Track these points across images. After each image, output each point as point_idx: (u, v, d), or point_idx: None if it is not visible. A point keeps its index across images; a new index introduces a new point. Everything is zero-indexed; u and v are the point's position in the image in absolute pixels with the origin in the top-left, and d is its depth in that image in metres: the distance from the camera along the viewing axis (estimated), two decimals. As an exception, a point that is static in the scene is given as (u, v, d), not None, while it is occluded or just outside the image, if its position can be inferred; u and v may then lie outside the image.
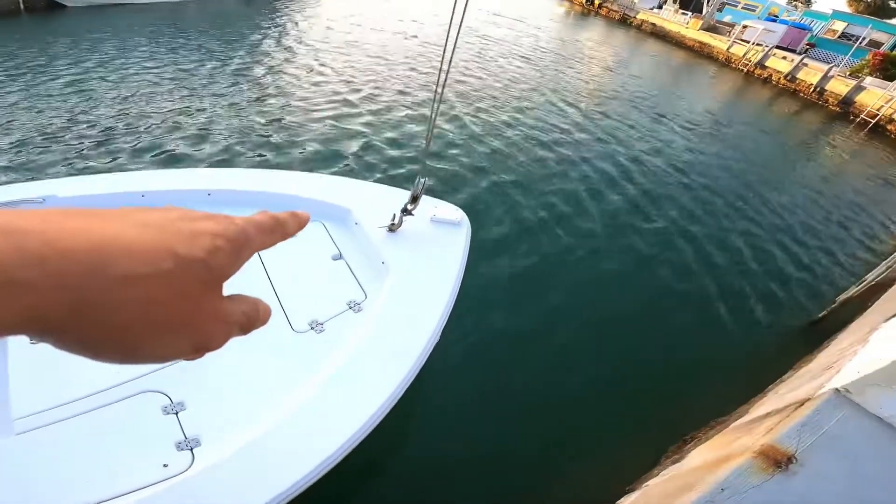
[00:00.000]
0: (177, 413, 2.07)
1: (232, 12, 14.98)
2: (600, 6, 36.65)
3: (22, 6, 11.59)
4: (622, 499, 3.05)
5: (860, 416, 2.53)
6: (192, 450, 1.94)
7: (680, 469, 3.02)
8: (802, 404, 2.68)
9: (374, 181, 3.77)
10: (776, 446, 2.37)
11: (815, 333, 5.26)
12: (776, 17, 31.40)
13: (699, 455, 3.06)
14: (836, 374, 2.91)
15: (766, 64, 23.27)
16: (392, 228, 3.13)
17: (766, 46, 23.79)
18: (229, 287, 0.38)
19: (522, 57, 16.01)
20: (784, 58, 22.99)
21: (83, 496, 1.72)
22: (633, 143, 10.01)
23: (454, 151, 7.68)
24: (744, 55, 24.32)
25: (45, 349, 1.25)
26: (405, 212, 3.08)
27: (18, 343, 1.49)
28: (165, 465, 1.87)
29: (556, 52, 18.14)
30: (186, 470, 1.85)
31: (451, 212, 3.40)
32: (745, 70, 23.83)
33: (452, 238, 3.21)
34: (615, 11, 34.73)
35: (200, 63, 9.65)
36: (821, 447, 2.36)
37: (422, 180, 2.96)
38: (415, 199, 3.04)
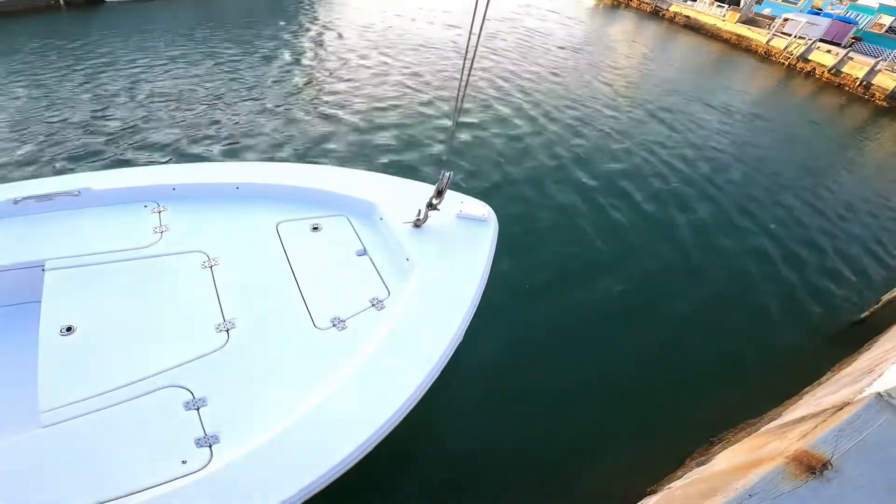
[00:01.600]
0: (198, 409, 2.08)
1: (262, 4, 15.13)
2: (632, -1, 35.66)
3: (62, 1, 12.05)
4: (642, 501, 2.96)
5: (903, 422, 2.37)
6: (210, 447, 1.95)
7: (705, 472, 2.91)
8: (841, 408, 2.54)
9: (401, 175, 3.72)
10: (811, 452, 2.24)
11: (855, 335, 5.03)
12: (819, 10, 30.03)
13: (726, 458, 2.95)
14: (878, 377, 2.74)
15: (809, 57, 22.29)
16: (417, 224, 3.09)
17: (809, 40, 22.79)
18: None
19: (557, 47, 15.70)
20: (828, 51, 21.98)
21: (103, 491, 1.74)
22: (677, 133, 9.82)
23: (484, 143, 7.59)
24: (785, 48, 23.37)
25: (75, 342, 1.75)
26: (430, 206, 3.03)
27: (49, 335, 1.79)
28: (184, 462, 1.89)
29: (589, 43, 17.74)
30: (204, 467, 1.87)
31: (479, 208, 3.33)
32: (787, 63, 22.89)
33: (479, 235, 3.14)
34: (646, 3, 33.77)
35: (236, 56, 9.87)
36: (858, 453, 2.23)
37: (446, 174, 2.90)
38: (439, 194, 2.98)
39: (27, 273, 2.60)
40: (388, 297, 2.76)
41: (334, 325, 2.54)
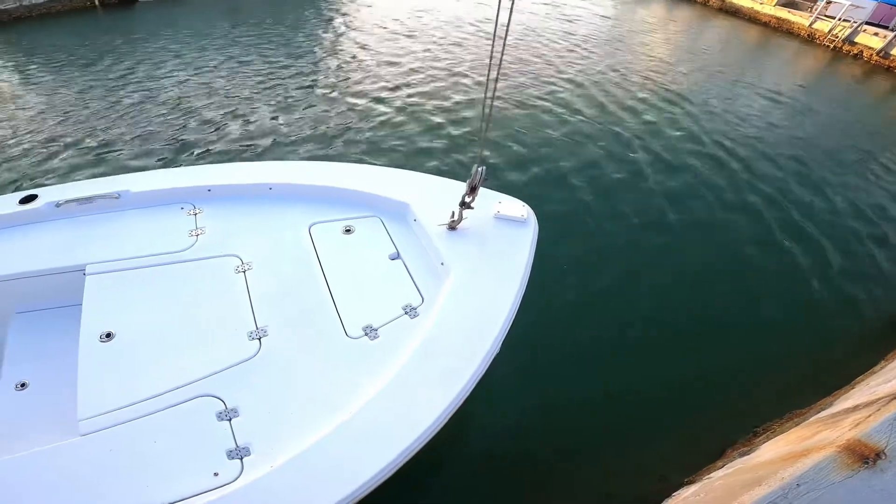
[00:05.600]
0: (230, 419, 2.07)
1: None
2: (664, -16, 34.47)
3: (97, 2, 12.62)
4: (679, 490, 2.91)
5: (964, 412, 2.26)
6: (241, 459, 1.94)
7: (748, 462, 2.84)
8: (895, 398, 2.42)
9: (435, 173, 3.66)
10: (864, 441, 2.16)
11: (904, 326, 4.79)
12: (866, -9, 28.42)
13: (772, 448, 2.87)
14: (937, 367, 2.61)
15: (856, 40, 21.27)
16: (452, 226, 2.97)
17: (855, 22, 21.71)
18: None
19: (588, 33, 15.32)
20: (876, 34, 20.92)
21: (136, 502, 1.76)
22: (727, 115, 9.61)
23: (519, 136, 7.54)
24: (829, 31, 22.34)
25: (113, 349, 1.80)
26: (463, 205, 2.90)
27: (88, 342, 1.87)
28: (216, 474, 1.88)
29: (623, 29, 17.27)
30: (235, 480, 1.86)
31: (517, 208, 3.16)
32: (832, 46, 21.90)
33: (518, 238, 2.98)
34: (680, -12, 32.62)
35: (263, 53, 10.07)
36: (916, 443, 2.12)
37: (479, 169, 2.73)
38: (472, 190, 2.83)
39: (69, 277, 2.63)
40: (421, 304, 2.66)
41: (366, 334, 2.46)
